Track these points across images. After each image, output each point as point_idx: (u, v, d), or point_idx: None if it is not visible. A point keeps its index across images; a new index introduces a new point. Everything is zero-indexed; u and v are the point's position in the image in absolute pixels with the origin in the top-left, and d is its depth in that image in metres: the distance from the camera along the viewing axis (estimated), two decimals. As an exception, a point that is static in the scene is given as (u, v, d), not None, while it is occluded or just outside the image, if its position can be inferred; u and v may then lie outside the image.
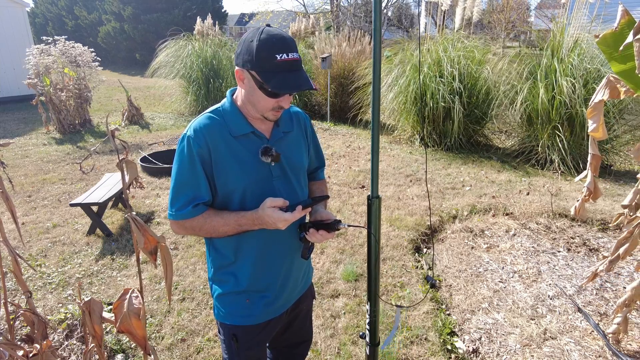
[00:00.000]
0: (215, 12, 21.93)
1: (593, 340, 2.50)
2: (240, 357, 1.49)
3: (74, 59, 7.96)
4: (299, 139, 1.48)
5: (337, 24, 20.09)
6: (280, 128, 1.41)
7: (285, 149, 1.39)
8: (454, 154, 6.37)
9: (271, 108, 1.28)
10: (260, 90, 1.25)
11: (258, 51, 1.20)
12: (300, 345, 1.76)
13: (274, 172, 1.36)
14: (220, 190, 1.34)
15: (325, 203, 1.57)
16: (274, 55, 1.19)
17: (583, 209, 2.32)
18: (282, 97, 1.26)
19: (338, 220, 1.33)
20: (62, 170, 5.98)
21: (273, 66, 1.20)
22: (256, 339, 1.49)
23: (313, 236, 1.34)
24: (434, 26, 7.47)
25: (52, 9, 26.06)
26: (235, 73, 1.30)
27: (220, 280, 1.45)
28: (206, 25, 10.15)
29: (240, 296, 1.43)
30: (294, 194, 1.43)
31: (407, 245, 3.67)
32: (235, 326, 1.45)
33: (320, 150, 1.64)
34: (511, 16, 16.73)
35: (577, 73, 5.37)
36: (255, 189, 1.34)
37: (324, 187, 1.63)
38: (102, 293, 3.10)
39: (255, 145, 1.34)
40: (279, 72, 1.21)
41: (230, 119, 1.33)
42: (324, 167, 1.67)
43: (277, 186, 1.37)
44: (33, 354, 1.43)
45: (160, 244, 1.31)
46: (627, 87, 1.87)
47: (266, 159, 1.32)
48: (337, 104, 9.02)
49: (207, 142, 1.28)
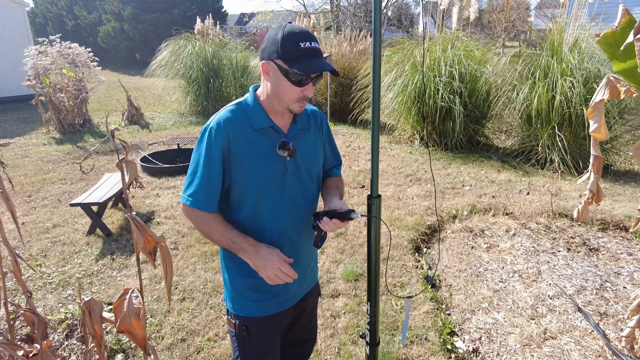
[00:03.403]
0: (215, 12, 21.91)
1: (593, 340, 2.50)
2: (252, 348, 1.51)
3: (71, 60, 7.95)
4: (315, 137, 1.53)
5: (337, 23, 20.09)
6: (297, 125, 1.46)
7: (301, 145, 1.43)
8: (454, 154, 6.37)
9: (296, 98, 1.33)
10: (286, 79, 1.31)
11: (283, 41, 1.29)
12: (305, 344, 1.78)
13: (289, 167, 1.40)
14: (237, 182, 1.38)
15: (342, 194, 1.61)
16: (298, 43, 1.28)
17: (586, 211, 2.31)
18: (306, 86, 1.32)
19: (352, 210, 1.36)
20: (62, 170, 5.98)
21: (298, 53, 1.28)
22: (267, 330, 1.52)
23: (326, 225, 1.37)
24: (433, 26, 7.47)
25: (52, 9, 26.05)
26: (261, 67, 1.36)
27: (231, 272, 1.48)
28: (206, 25, 10.14)
29: (250, 288, 1.46)
30: (306, 190, 1.47)
31: (407, 245, 3.67)
32: (246, 317, 1.48)
33: (336, 148, 1.68)
34: (511, 16, 16.74)
35: (577, 73, 5.37)
36: (269, 182, 1.38)
37: (341, 183, 1.65)
38: (102, 293, 3.10)
39: (273, 139, 1.38)
40: (304, 58, 1.29)
41: (252, 113, 1.39)
42: (340, 165, 1.70)
43: (290, 181, 1.41)
44: (33, 354, 1.43)
45: (160, 244, 1.31)
46: (627, 86, 1.86)
47: (283, 152, 1.36)
48: (337, 104, 9.02)
49: (228, 134, 1.34)
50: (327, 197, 1.53)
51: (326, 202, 1.49)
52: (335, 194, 1.54)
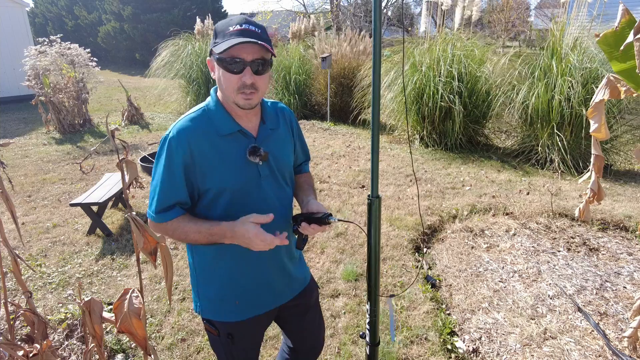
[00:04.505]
0: (215, 12, 21.91)
1: (593, 340, 2.50)
2: (237, 351, 1.49)
3: (70, 61, 7.94)
4: (286, 135, 1.46)
5: (337, 23, 20.08)
6: (267, 125, 1.38)
7: (272, 147, 1.36)
8: (454, 154, 6.37)
9: (236, 88, 1.22)
10: (222, 69, 1.22)
11: (216, 31, 1.24)
12: (318, 339, 1.74)
13: (262, 172, 1.33)
14: (205, 193, 1.30)
15: (315, 191, 1.56)
16: (227, 27, 1.21)
17: (587, 210, 2.31)
18: (244, 72, 1.20)
19: (328, 214, 1.32)
20: (62, 170, 5.98)
21: (227, 36, 1.20)
22: (252, 330, 1.48)
23: (305, 229, 1.32)
24: (434, 26, 7.47)
25: (52, 9, 26.03)
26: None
27: (208, 279, 1.44)
28: (206, 25, 10.14)
29: (230, 294, 1.41)
30: (282, 193, 1.41)
31: (407, 245, 3.67)
32: (230, 323, 1.43)
33: (305, 144, 1.61)
34: (511, 16, 16.73)
35: (577, 73, 5.37)
36: (243, 190, 1.30)
37: (310, 179, 1.61)
38: (102, 293, 3.10)
39: (243, 145, 1.30)
40: (229, 37, 1.19)
41: (216, 118, 1.30)
42: (309, 160, 1.65)
43: (265, 185, 1.34)
44: (33, 354, 1.43)
45: (160, 244, 1.31)
46: (627, 86, 1.86)
47: (254, 159, 1.29)
48: (337, 104, 9.02)
49: (190, 145, 1.25)
50: (303, 198, 1.47)
51: (302, 204, 1.44)
52: (309, 193, 1.49)
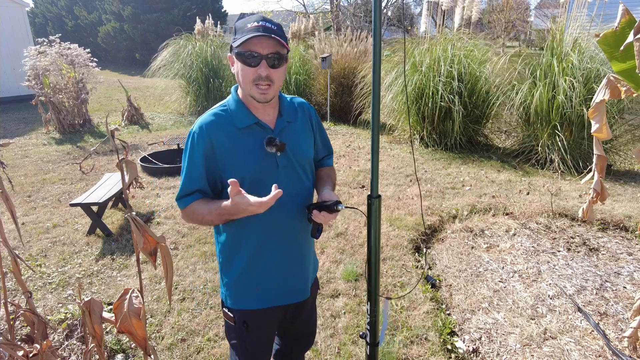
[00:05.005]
0: (215, 12, 21.90)
1: (593, 340, 2.49)
2: (251, 340, 1.52)
3: (70, 61, 7.94)
4: (304, 128, 1.50)
5: (337, 24, 20.08)
6: (284, 118, 1.44)
7: (290, 138, 1.41)
8: (454, 154, 6.37)
9: (252, 79, 1.30)
10: (239, 62, 1.31)
11: (235, 29, 1.32)
12: (307, 337, 1.78)
13: (280, 163, 1.39)
14: (226, 183, 1.35)
15: (334, 183, 1.61)
16: (246, 25, 1.29)
17: (591, 211, 2.31)
18: (260, 65, 1.29)
19: (338, 202, 1.37)
20: (62, 170, 5.98)
21: (244, 32, 1.28)
22: (267, 322, 1.52)
23: (317, 217, 1.37)
24: (434, 26, 7.46)
25: (52, 9, 26.03)
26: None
27: (227, 267, 1.48)
28: (206, 25, 10.14)
29: (248, 282, 1.46)
30: (300, 184, 1.46)
31: (407, 245, 3.67)
32: (246, 311, 1.48)
33: (327, 138, 1.66)
34: (511, 16, 16.73)
35: (577, 73, 5.37)
36: (261, 179, 1.36)
37: (333, 172, 1.65)
38: (102, 293, 3.10)
39: (260, 136, 1.37)
40: (247, 33, 1.27)
41: (235, 112, 1.38)
42: (332, 155, 1.69)
43: (283, 176, 1.39)
44: (33, 354, 1.43)
45: (160, 244, 1.31)
46: (627, 86, 1.86)
47: (271, 149, 1.34)
48: (337, 104, 9.02)
49: (211, 138, 1.34)
50: (320, 188, 1.52)
51: (318, 193, 1.49)
52: (326, 184, 1.53)
